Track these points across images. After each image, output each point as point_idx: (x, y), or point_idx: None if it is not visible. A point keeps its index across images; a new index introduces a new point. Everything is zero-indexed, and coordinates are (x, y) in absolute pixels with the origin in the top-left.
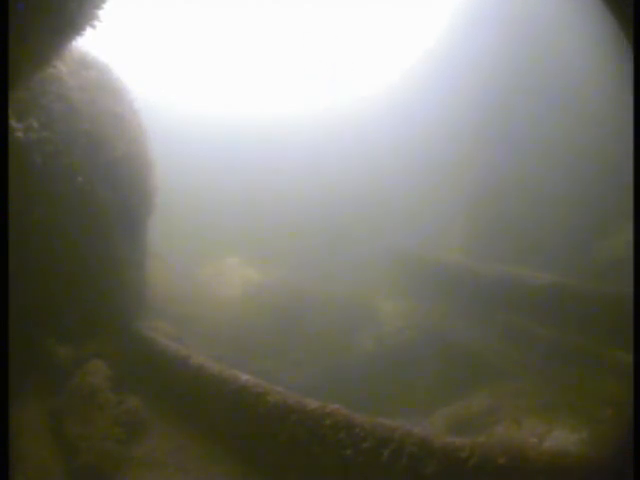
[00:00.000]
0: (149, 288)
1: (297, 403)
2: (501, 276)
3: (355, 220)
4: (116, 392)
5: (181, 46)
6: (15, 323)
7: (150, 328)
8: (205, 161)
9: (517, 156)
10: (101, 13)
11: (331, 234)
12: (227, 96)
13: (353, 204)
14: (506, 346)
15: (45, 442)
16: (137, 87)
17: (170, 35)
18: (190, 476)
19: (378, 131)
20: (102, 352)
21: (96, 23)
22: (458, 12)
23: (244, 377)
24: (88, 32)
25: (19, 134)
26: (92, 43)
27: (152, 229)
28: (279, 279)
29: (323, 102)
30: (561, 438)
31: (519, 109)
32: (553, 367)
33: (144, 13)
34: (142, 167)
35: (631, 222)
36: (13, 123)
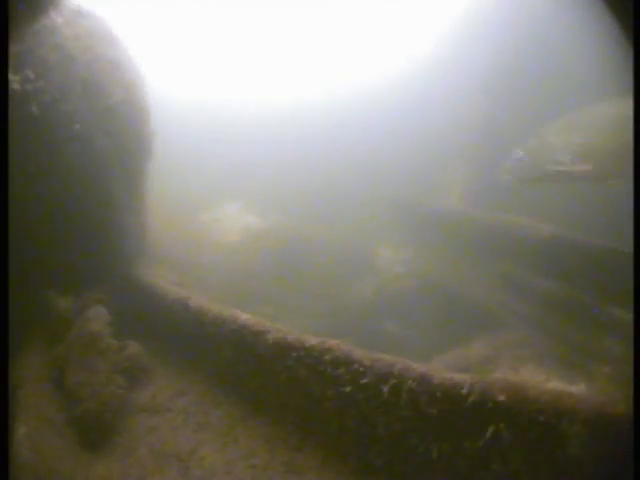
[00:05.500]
0: (149, 235)
1: (297, 340)
2: (500, 225)
3: (355, 169)
4: (117, 338)
5: (179, 30)
6: (14, 277)
7: (150, 275)
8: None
9: (518, 107)
10: None
11: (331, 182)
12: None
13: (353, 153)
14: (504, 295)
15: (47, 392)
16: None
17: (171, 20)
18: (191, 420)
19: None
20: (103, 299)
21: None
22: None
23: (244, 316)
24: None
25: (15, 86)
26: None
27: (151, 175)
28: (278, 225)
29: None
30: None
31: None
32: (550, 318)
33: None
34: (140, 112)
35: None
36: (9, 75)
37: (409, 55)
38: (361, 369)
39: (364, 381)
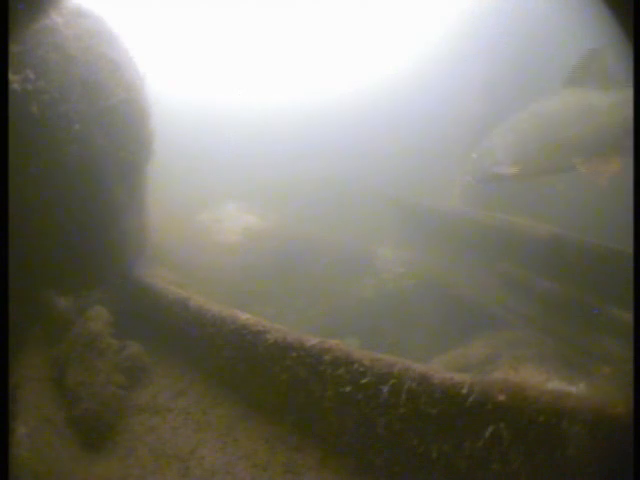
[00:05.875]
0: (149, 235)
1: (297, 340)
2: (500, 225)
3: (355, 169)
4: (118, 338)
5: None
6: (14, 277)
7: (150, 275)
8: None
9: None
10: None
11: (331, 182)
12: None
13: (353, 153)
14: (504, 295)
15: (47, 392)
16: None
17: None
18: (191, 420)
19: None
20: (103, 299)
21: None
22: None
23: (244, 316)
24: None
25: (15, 86)
26: None
27: (151, 175)
28: (278, 225)
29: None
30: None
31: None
32: (550, 318)
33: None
34: (140, 113)
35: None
36: (9, 75)
37: (409, 56)
38: (361, 369)
39: (364, 381)
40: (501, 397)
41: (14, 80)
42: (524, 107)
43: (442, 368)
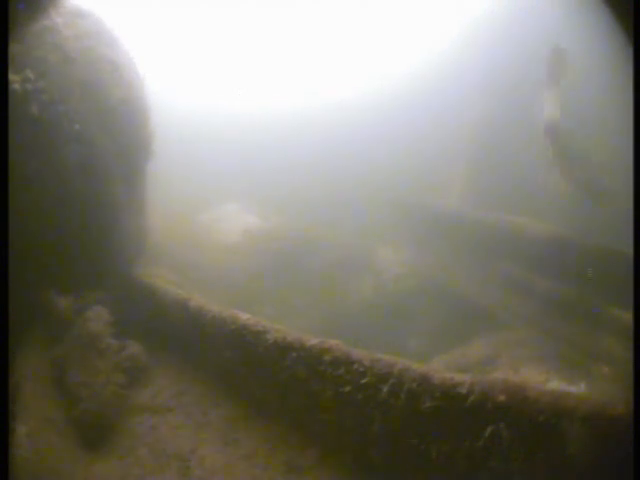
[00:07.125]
0: (149, 235)
1: (297, 340)
2: (501, 225)
3: (356, 169)
4: (117, 338)
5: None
6: (14, 277)
7: (150, 275)
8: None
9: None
10: None
11: (332, 183)
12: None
13: (354, 154)
14: (505, 296)
15: (47, 392)
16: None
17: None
18: (191, 420)
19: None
20: (103, 299)
21: None
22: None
23: (244, 316)
24: None
25: (16, 86)
26: None
27: (151, 176)
28: (278, 226)
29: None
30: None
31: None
32: (550, 318)
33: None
34: (139, 113)
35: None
36: (10, 75)
37: (411, 59)
38: (361, 369)
39: (364, 381)
40: (501, 397)
41: (14, 80)
42: None
43: (442, 368)
